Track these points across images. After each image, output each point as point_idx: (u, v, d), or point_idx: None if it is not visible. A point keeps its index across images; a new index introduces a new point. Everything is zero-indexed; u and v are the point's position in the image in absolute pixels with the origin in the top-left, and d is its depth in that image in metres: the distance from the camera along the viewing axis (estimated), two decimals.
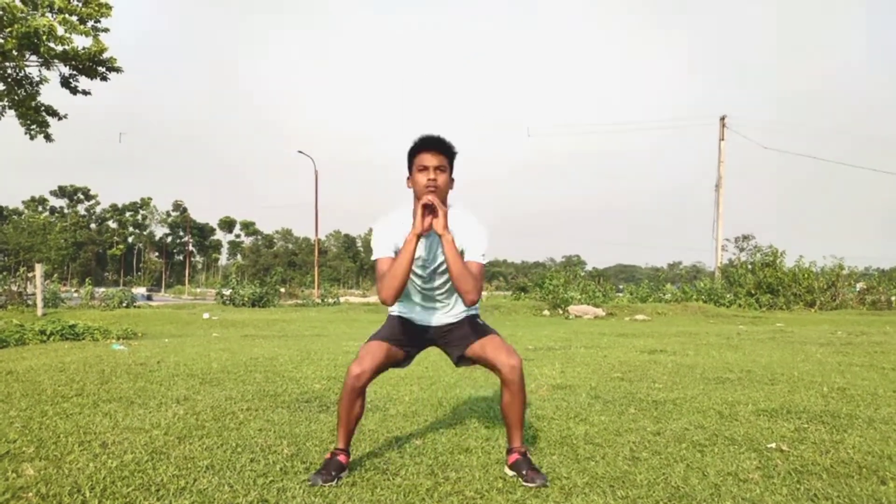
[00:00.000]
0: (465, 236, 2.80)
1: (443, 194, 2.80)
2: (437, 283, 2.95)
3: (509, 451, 2.91)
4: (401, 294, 2.75)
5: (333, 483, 2.71)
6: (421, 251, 2.85)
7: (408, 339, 2.99)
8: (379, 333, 2.98)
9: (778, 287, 23.91)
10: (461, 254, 2.76)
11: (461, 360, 3.02)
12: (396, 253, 2.79)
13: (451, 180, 2.84)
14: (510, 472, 2.84)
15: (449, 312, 3.02)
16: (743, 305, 23.10)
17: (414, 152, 2.81)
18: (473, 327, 2.98)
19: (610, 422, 3.85)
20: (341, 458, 2.83)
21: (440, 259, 2.87)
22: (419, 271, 2.91)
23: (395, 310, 3.05)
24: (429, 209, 2.73)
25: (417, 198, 2.80)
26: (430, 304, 3.01)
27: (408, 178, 2.85)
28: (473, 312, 3.06)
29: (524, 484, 2.70)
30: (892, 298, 24.33)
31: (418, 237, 2.72)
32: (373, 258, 2.85)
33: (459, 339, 2.97)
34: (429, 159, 2.76)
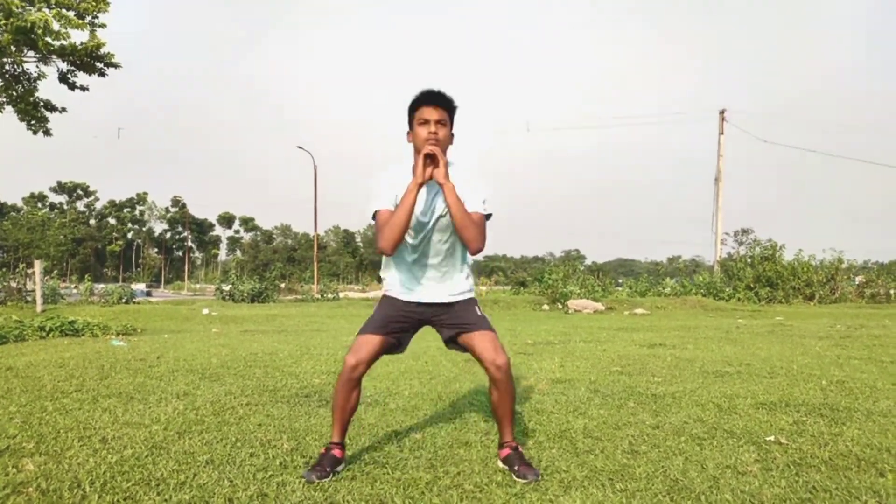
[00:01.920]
0: (466, 188, 2.77)
1: (443, 148, 2.77)
2: (434, 239, 2.84)
3: (501, 446, 2.92)
4: (399, 243, 2.73)
5: (328, 479, 2.69)
6: (418, 204, 2.78)
7: (402, 323, 2.90)
8: (373, 320, 2.90)
9: (777, 280, 23.88)
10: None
11: (451, 344, 2.95)
12: (396, 206, 2.77)
13: (451, 135, 2.82)
14: (502, 466, 2.85)
15: (446, 284, 2.89)
16: (742, 299, 23.09)
17: (415, 106, 2.78)
18: (470, 314, 2.89)
19: (609, 415, 3.85)
20: (336, 452, 2.82)
21: (438, 212, 2.80)
22: (413, 227, 2.81)
23: (390, 287, 2.95)
24: (430, 159, 2.70)
25: (417, 152, 2.77)
26: (424, 269, 2.87)
27: (408, 133, 2.82)
28: (470, 295, 2.96)
29: (516, 479, 2.70)
30: (892, 292, 24.32)
31: (419, 186, 2.69)
32: (372, 209, 2.79)
33: (454, 323, 2.88)
34: (430, 113, 2.73)
